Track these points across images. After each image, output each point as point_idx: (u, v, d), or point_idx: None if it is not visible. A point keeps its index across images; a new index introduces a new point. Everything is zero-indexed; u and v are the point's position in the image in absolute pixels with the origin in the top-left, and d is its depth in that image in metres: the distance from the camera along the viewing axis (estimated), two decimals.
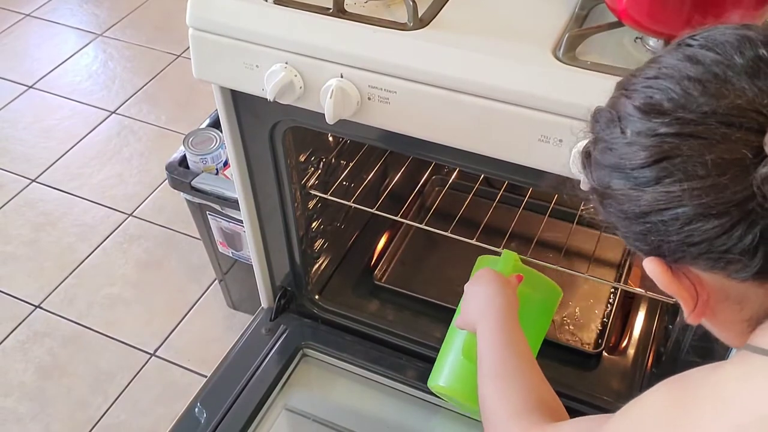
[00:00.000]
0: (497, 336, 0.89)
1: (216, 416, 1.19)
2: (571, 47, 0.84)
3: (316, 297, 1.38)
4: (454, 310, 1.35)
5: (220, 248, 1.62)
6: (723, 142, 0.49)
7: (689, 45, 0.55)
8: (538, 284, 1.12)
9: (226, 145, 1.12)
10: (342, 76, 0.90)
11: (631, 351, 1.32)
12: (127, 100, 2.47)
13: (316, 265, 1.40)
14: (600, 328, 1.35)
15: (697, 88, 0.51)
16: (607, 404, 1.21)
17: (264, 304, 1.39)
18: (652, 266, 0.56)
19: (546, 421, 0.77)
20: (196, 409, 1.21)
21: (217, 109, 1.08)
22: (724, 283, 0.54)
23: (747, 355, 0.53)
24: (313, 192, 1.27)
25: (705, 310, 0.57)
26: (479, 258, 1.17)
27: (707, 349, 1.05)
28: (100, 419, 1.63)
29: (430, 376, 1.10)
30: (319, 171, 1.30)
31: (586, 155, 0.60)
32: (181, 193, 1.53)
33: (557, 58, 0.84)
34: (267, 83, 0.93)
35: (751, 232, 0.49)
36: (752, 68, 0.51)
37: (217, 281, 1.82)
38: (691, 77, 0.52)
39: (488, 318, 0.91)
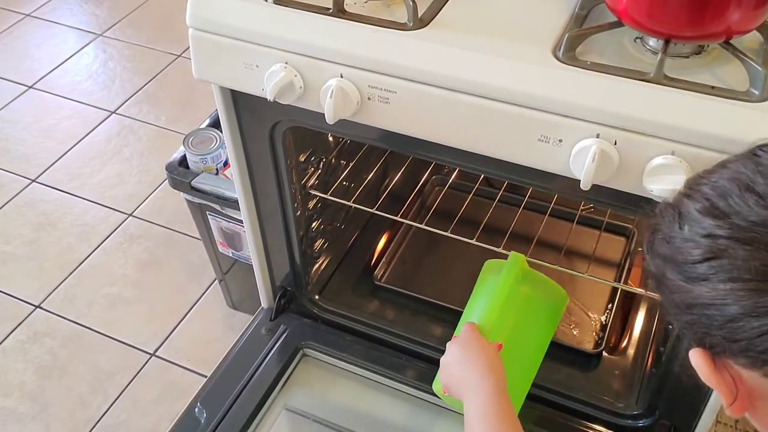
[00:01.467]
0: (489, 410, 0.94)
1: (216, 416, 1.19)
2: (571, 47, 0.84)
3: (316, 297, 1.38)
4: (454, 310, 1.36)
5: (220, 248, 1.62)
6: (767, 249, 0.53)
7: (758, 156, 0.58)
8: (545, 288, 1.13)
9: (226, 145, 1.12)
10: (342, 76, 0.90)
11: (631, 351, 1.32)
12: (127, 100, 2.47)
13: (316, 265, 1.40)
14: (600, 328, 1.35)
15: (755, 200, 0.55)
16: (607, 404, 1.21)
17: (264, 304, 1.39)
18: (695, 357, 0.59)
19: None
20: (196, 409, 1.21)
21: (217, 109, 1.08)
22: (764, 382, 0.56)
23: None
24: (313, 192, 1.27)
25: (745, 405, 0.60)
26: (486, 263, 1.17)
27: None
28: (100, 419, 1.63)
29: (435, 379, 1.10)
30: (319, 171, 1.30)
31: (649, 244, 0.63)
32: (181, 193, 1.53)
33: (557, 58, 0.84)
34: (267, 83, 0.93)
35: None
36: None
37: (217, 281, 1.82)
38: (751, 189, 0.55)
39: (479, 394, 0.95)
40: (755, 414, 0.60)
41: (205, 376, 1.28)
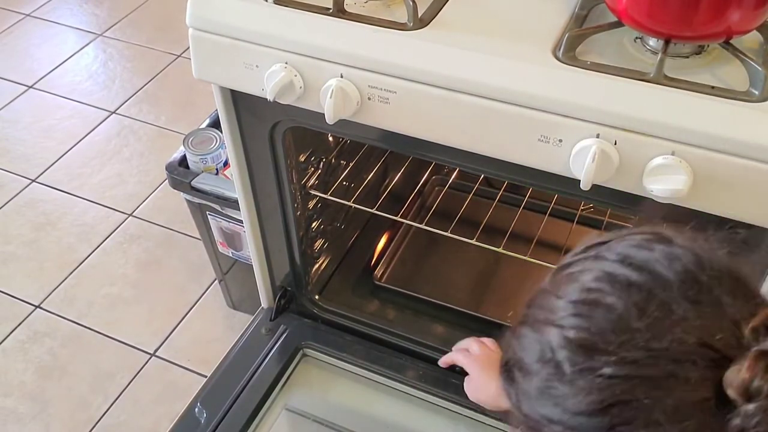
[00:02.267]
0: None
1: (216, 416, 1.19)
2: (571, 47, 0.84)
3: (316, 297, 1.38)
4: (454, 310, 1.36)
5: (220, 248, 1.62)
6: (679, 383, 0.45)
7: (605, 258, 0.51)
8: None
9: (226, 145, 1.12)
10: (342, 76, 0.90)
11: None
12: (127, 100, 2.47)
13: (316, 265, 1.40)
14: None
15: (636, 317, 0.47)
16: None
17: (264, 304, 1.39)
18: None
19: None
20: (196, 409, 1.21)
21: (217, 109, 1.08)
22: None
23: None
24: (313, 192, 1.27)
25: None
26: None
27: None
28: (100, 419, 1.63)
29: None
30: (319, 171, 1.30)
31: (509, 375, 0.54)
32: (181, 193, 1.53)
33: (557, 58, 0.84)
34: (267, 83, 0.93)
35: None
36: (692, 292, 0.48)
37: (217, 281, 1.82)
38: (625, 302, 0.48)
39: None
40: None
41: (205, 376, 1.28)
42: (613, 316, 0.48)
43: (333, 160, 1.35)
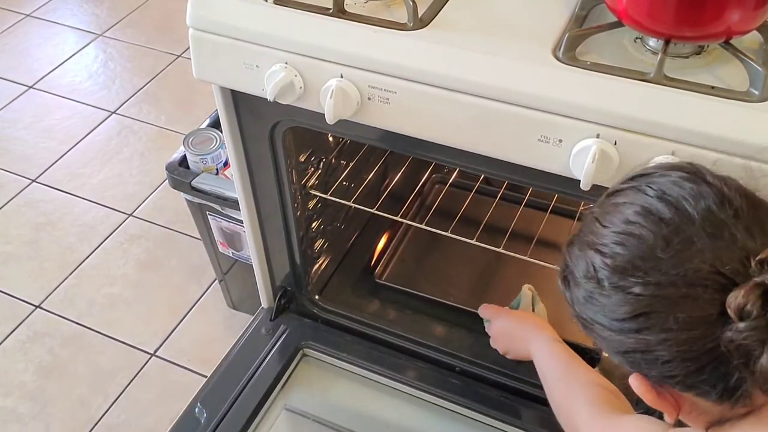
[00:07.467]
0: (556, 350, 1.07)
1: (216, 416, 1.20)
2: (571, 47, 0.84)
3: (317, 297, 1.38)
4: (455, 308, 1.36)
5: (220, 248, 1.62)
6: (690, 302, 0.57)
7: (646, 193, 0.61)
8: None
9: (226, 145, 1.12)
10: (342, 76, 0.90)
11: None
12: (127, 100, 2.47)
13: (316, 265, 1.40)
14: None
15: (662, 249, 0.58)
16: None
17: (264, 304, 1.39)
18: (636, 383, 0.64)
19: (609, 409, 0.91)
20: (196, 409, 1.21)
21: (217, 109, 1.08)
22: (697, 400, 0.62)
23: None
24: (313, 192, 1.27)
25: (686, 417, 0.65)
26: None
27: None
28: (100, 419, 1.63)
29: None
30: (319, 171, 1.30)
31: (565, 281, 0.66)
32: (181, 193, 1.53)
33: (557, 58, 0.84)
34: (267, 83, 0.93)
35: (717, 371, 0.57)
36: (711, 228, 0.58)
37: (217, 281, 1.81)
38: (656, 235, 0.58)
39: (543, 341, 1.09)
40: (692, 421, 0.66)
41: (205, 376, 1.28)
42: (643, 246, 0.59)
43: (333, 160, 1.35)
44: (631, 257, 0.59)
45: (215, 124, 1.54)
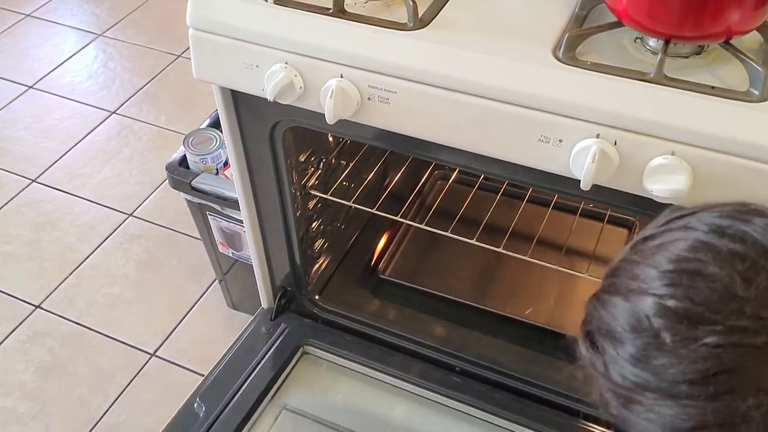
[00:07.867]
0: None
1: (214, 411, 1.20)
2: (571, 47, 0.84)
3: (317, 297, 1.38)
4: (458, 303, 1.36)
5: (220, 248, 1.62)
6: None
7: (696, 228, 0.51)
8: None
9: (226, 145, 1.13)
10: (342, 76, 0.90)
11: None
12: (127, 100, 2.47)
13: (317, 265, 1.40)
14: None
15: (743, 287, 0.47)
16: None
17: (264, 304, 1.40)
18: None
19: None
20: (195, 404, 1.22)
21: (217, 109, 1.08)
22: None
23: None
24: (313, 192, 1.27)
25: None
26: None
27: None
28: (100, 419, 1.63)
29: None
30: (319, 171, 1.30)
31: (593, 344, 0.54)
32: (181, 193, 1.53)
33: (557, 58, 0.84)
34: (267, 83, 0.93)
35: None
36: None
37: (217, 281, 1.81)
38: (729, 272, 0.48)
39: None
40: None
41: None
42: (718, 286, 0.48)
43: (333, 160, 1.35)
44: (702, 300, 0.47)
45: (215, 124, 1.54)
